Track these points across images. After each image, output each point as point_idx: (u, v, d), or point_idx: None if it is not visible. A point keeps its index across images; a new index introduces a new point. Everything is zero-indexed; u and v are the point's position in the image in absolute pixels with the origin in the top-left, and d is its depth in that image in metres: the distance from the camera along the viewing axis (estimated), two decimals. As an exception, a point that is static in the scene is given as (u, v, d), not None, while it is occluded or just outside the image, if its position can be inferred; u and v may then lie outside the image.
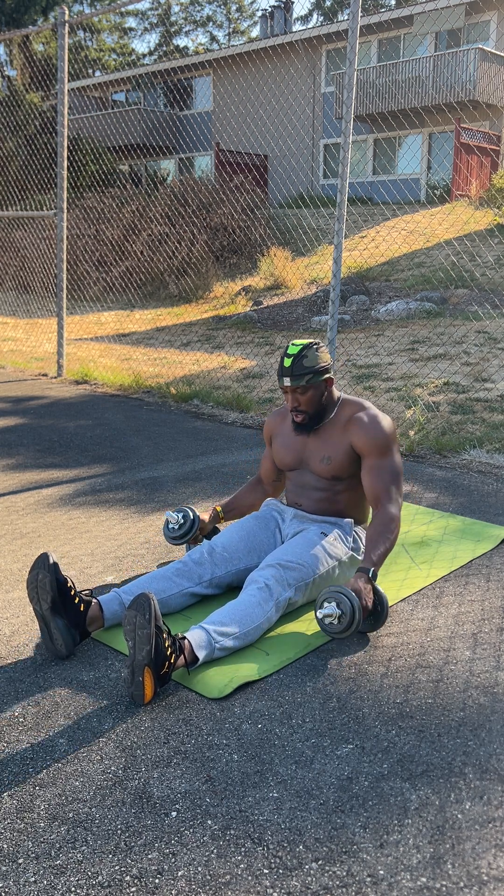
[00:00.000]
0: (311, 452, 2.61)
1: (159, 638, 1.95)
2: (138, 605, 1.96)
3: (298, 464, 2.66)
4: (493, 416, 5.04)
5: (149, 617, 1.94)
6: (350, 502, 2.62)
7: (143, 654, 1.93)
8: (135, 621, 1.94)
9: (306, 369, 2.49)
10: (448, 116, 17.40)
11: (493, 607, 2.48)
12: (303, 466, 2.65)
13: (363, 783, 1.68)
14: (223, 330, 9.63)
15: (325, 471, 2.57)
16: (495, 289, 9.71)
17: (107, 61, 33.09)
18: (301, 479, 2.67)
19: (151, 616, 1.94)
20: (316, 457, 2.59)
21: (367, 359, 7.17)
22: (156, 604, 1.97)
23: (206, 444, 4.56)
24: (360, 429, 2.51)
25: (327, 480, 2.59)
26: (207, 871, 1.45)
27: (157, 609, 1.97)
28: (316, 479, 2.62)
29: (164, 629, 1.98)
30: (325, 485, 2.60)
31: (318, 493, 2.62)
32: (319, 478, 2.61)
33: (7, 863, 1.48)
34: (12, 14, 26.72)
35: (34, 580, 2.17)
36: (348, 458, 2.54)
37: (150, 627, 1.93)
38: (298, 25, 32.73)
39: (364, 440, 2.50)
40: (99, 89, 25.87)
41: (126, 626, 1.97)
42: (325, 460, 2.56)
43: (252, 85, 20.34)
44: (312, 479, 2.63)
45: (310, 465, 2.62)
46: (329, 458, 2.55)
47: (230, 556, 2.50)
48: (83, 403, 5.74)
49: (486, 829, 1.55)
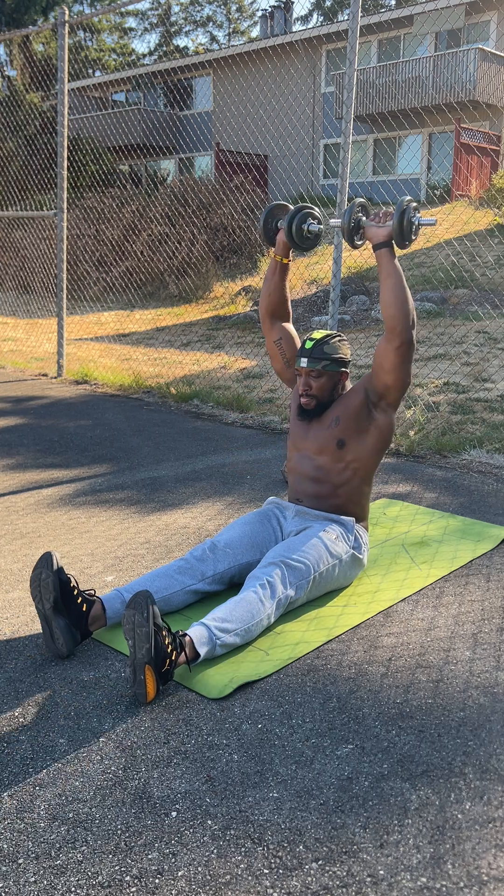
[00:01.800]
0: (315, 434, 2.64)
1: (158, 636, 1.95)
2: (136, 604, 1.96)
3: (303, 439, 2.68)
4: (493, 416, 5.04)
5: (147, 615, 1.94)
6: (350, 497, 2.63)
7: (143, 652, 1.93)
8: (133, 620, 1.95)
9: (326, 355, 2.57)
10: (448, 116, 17.40)
11: (493, 607, 2.48)
12: (305, 450, 2.67)
13: (363, 783, 1.68)
14: (223, 330, 9.63)
15: (331, 436, 2.59)
16: (495, 289, 9.71)
17: (107, 61, 33.08)
18: (302, 468, 2.67)
19: (149, 614, 1.94)
20: (322, 429, 2.62)
21: (367, 359, 7.16)
22: (153, 601, 1.97)
23: (206, 444, 4.56)
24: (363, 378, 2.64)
25: (329, 460, 2.60)
26: (207, 871, 1.45)
27: (155, 606, 1.97)
28: (317, 466, 2.63)
29: (163, 626, 1.98)
30: (323, 474, 2.62)
31: (318, 484, 2.63)
32: (321, 461, 2.62)
33: (7, 863, 1.48)
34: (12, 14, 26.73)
35: (37, 579, 2.17)
36: (358, 408, 2.59)
37: (149, 625, 1.93)
38: (298, 25, 32.75)
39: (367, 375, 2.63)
40: (99, 89, 25.86)
41: (125, 625, 1.97)
42: (334, 421, 2.60)
43: (252, 85, 20.33)
44: (312, 467, 2.64)
45: (313, 445, 2.64)
46: (338, 418, 2.60)
47: (232, 552, 2.51)
48: (83, 403, 5.74)
49: (486, 829, 1.55)
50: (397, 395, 2.57)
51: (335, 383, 2.61)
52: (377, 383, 2.56)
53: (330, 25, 21.23)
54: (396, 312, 2.47)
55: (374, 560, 2.85)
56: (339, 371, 2.59)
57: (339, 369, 2.59)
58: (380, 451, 2.64)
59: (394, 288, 2.48)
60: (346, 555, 2.52)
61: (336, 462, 2.60)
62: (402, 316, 2.47)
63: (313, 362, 2.56)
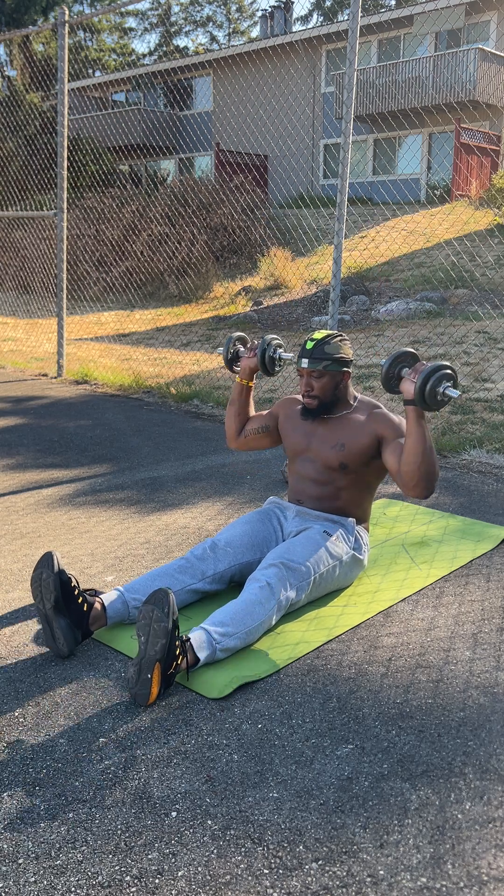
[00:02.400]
0: (321, 440, 2.63)
1: (174, 634, 1.95)
2: (156, 600, 1.96)
3: (306, 448, 2.67)
4: (493, 416, 5.04)
5: (167, 611, 1.94)
6: (351, 500, 2.63)
7: (157, 649, 1.92)
8: (151, 615, 1.94)
9: (326, 355, 2.56)
10: (448, 116, 17.40)
11: (493, 607, 2.48)
12: (308, 453, 2.66)
13: (363, 783, 1.68)
14: (223, 330, 9.63)
15: (335, 457, 2.57)
16: (495, 289, 9.71)
17: (107, 61, 33.07)
18: (304, 470, 2.67)
19: (169, 610, 1.94)
20: (326, 444, 2.60)
21: (367, 359, 7.16)
22: (174, 599, 1.97)
23: (206, 444, 4.56)
24: (385, 418, 2.58)
25: (331, 471, 2.59)
26: (207, 871, 1.45)
27: (175, 605, 1.97)
28: (319, 469, 2.62)
29: (178, 626, 1.98)
30: (327, 477, 2.61)
31: (320, 486, 2.63)
32: (323, 468, 2.61)
33: (7, 863, 1.48)
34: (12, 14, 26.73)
35: (38, 579, 2.17)
36: (365, 448, 2.55)
37: (168, 622, 1.93)
38: (298, 26, 32.76)
39: (390, 425, 2.55)
40: (99, 89, 25.86)
41: (140, 621, 1.96)
42: (339, 446, 2.57)
43: (252, 85, 20.33)
44: (315, 470, 2.63)
45: (317, 452, 2.63)
46: (343, 445, 2.57)
47: (233, 551, 2.51)
48: (83, 403, 5.74)
49: (486, 829, 1.55)
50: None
51: (337, 383, 2.61)
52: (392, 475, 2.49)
53: (330, 25, 21.23)
54: (413, 470, 2.34)
55: (374, 560, 2.85)
56: (340, 371, 2.59)
57: (341, 369, 2.59)
58: (383, 475, 2.65)
59: (414, 448, 2.33)
60: (346, 556, 2.52)
61: (337, 475, 2.61)
62: (421, 477, 2.35)
63: (314, 362, 2.55)
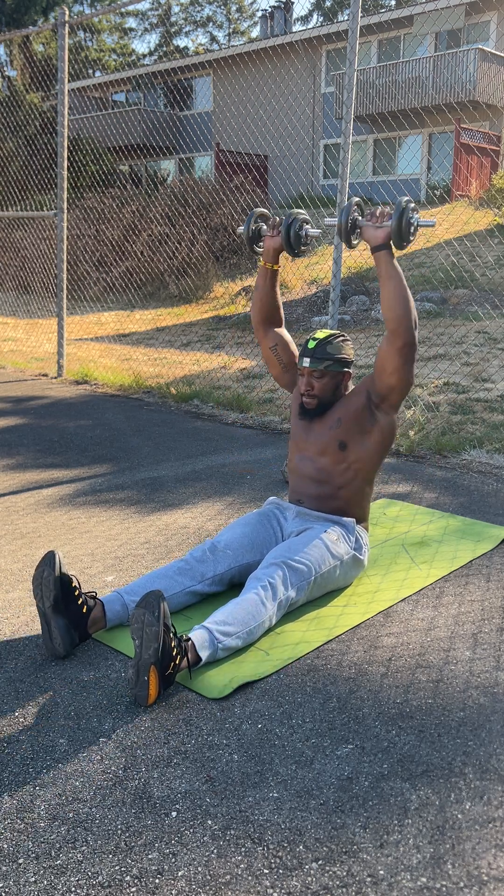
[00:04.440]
0: (316, 435, 2.64)
1: (167, 637, 1.95)
2: (147, 604, 1.96)
3: (304, 442, 2.68)
4: (493, 416, 5.04)
5: (158, 614, 1.93)
6: (351, 499, 2.63)
7: (150, 653, 1.92)
8: (143, 619, 1.94)
9: (328, 355, 2.56)
10: (448, 117, 17.39)
11: (493, 607, 2.48)
12: (307, 451, 2.66)
13: (363, 783, 1.68)
14: (223, 330, 9.63)
15: (333, 437, 2.58)
16: (495, 289, 9.71)
17: (107, 61, 33.07)
18: (303, 468, 2.67)
19: (160, 613, 1.94)
20: (324, 426, 2.62)
21: (367, 359, 7.16)
22: (165, 602, 1.97)
23: (207, 445, 4.56)
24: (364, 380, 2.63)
25: (331, 462, 2.60)
26: (207, 871, 1.45)
27: (167, 607, 1.97)
28: (318, 468, 2.63)
29: (171, 629, 1.98)
30: (325, 475, 2.61)
31: (320, 485, 2.63)
32: (322, 460, 2.61)
33: (7, 863, 1.48)
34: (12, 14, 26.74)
35: (39, 577, 2.17)
36: (359, 409, 2.58)
37: (159, 625, 1.93)
38: (298, 26, 32.76)
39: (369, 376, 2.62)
40: (99, 89, 25.86)
41: (134, 625, 1.96)
42: (336, 422, 2.59)
43: (252, 85, 20.33)
44: (314, 468, 2.64)
45: (315, 445, 2.64)
46: (339, 420, 2.59)
47: (232, 553, 2.51)
48: (83, 403, 5.74)
49: (486, 829, 1.55)
50: (399, 397, 2.57)
51: (337, 383, 2.61)
52: (379, 385, 2.55)
53: (330, 26, 21.23)
54: (398, 314, 2.46)
55: (374, 560, 2.85)
56: (341, 371, 2.59)
57: (342, 369, 2.59)
58: (381, 453, 2.64)
59: (394, 290, 2.47)
60: (346, 556, 2.52)
61: (338, 463, 2.60)
62: (404, 317, 2.46)
63: (316, 362, 2.56)
